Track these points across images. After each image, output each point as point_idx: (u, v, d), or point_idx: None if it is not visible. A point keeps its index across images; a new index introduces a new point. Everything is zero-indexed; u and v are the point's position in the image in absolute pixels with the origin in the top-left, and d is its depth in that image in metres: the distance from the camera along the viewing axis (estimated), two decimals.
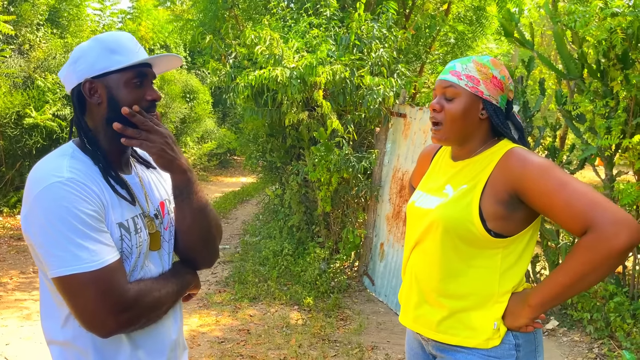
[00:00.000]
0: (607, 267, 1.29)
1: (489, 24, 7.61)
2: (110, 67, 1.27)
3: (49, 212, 1.15)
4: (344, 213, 5.65)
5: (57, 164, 1.22)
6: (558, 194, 1.33)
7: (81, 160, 1.27)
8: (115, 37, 1.31)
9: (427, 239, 1.53)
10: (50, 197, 1.16)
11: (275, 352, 3.83)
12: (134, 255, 1.28)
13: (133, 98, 1.29)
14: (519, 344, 1.47)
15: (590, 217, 1.28)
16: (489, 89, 1.50)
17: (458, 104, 1.49)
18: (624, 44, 3.91)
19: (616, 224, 1.26)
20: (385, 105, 5.10)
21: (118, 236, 1.25)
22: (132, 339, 1.29)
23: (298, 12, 5.86)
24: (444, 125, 1.52)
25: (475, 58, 1.54)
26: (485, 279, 1.47)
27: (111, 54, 1.28)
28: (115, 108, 1.28)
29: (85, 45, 1.30)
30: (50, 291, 1.27)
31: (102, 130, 1.31)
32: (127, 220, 1.28)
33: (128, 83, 1.29)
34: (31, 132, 8.02)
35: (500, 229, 1.43)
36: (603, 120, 4.06)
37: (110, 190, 1.27)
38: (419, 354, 1.71)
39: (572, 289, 1.35)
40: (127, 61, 1.28)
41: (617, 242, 1.25)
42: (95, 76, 1.28)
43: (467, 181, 1.50)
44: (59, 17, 9.56)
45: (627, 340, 3.82)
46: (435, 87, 1.55)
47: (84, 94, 1.29)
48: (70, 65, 1.31)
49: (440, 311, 1.52)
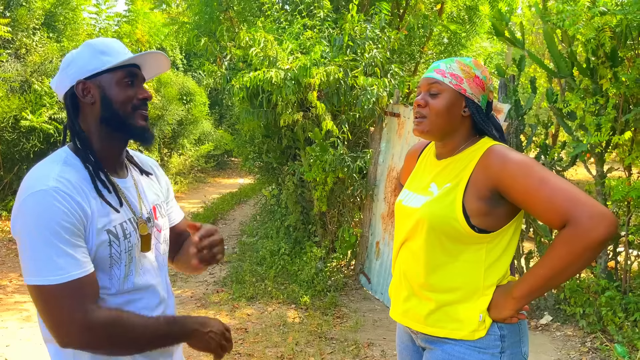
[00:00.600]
0: (585, 258, 1.34)
1: (482, 23, 7.67)
2: (101, 67, 1.33)
3: (28, 220, 1.19)
4: (340, 212, 5.70)
5: (46, 171, 1.25)
6: (538, 190, 1.38)
7: (73, 166, 1.29)
8: (104, 41, 1.37)
9: (414, 236, 1.59)
10: (32, 205, 1.19)
11: (273, 350, 3.88)
12: (124, 260, 1.32)
13: (125, 96, 1.34)
14: (504, 335, 1.53)
15: (569, 211, 1.34)
16: (472, 88, 1.56)
17: (442, 100, 1.55)
18: (612, 42, 3.97)
19: (594, 218, 1.31)
20: (379, 105, 5.16)
21: (107, 242, 1.28)
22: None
23: (292, 13, 5.91)
24: (428, 118, 1.57)
25: (458, 59, 1.60)
26: (470, 273, 1.52)
27: (101, 55, 1.34)
28: (109, 107, 1.33)
29: (75, 51, 1.36)
30: None
31: (96, 131, 1.34)
32: (115, 227, 1.30)
33: (119, 82, 1.34)
34: (29, 135, 8.06)
35: (483, 225, 1.48)
36: (593, 117, 4.12)
37: (98, 198, 1.29)
38: (409, 346, 1.76)
39: (553, 281, 1.40)
40: (117, 61, 1.33)
41: (595, 235, 1.30)
42: (88, 77, 1.33)
43: (450, 179, 1.55)
44: (55, 21, 9.59)
45: (619, 333, 3.88)
46: (420, 85, 1.61)
47: (77, 94, 1.33)
48: (61, 71, 1.36)
49: (428, 305, 1.57)
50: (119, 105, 1.34)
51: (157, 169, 1.62)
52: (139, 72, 1.40)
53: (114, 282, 1.31)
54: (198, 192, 11.80)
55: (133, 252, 1.35)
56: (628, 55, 4.12)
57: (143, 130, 1.38)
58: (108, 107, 1.33)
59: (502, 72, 4.81)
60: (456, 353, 1.53)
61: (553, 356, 3.86)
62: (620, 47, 4.02)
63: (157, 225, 1.47)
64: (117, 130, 1.36)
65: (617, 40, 4.02)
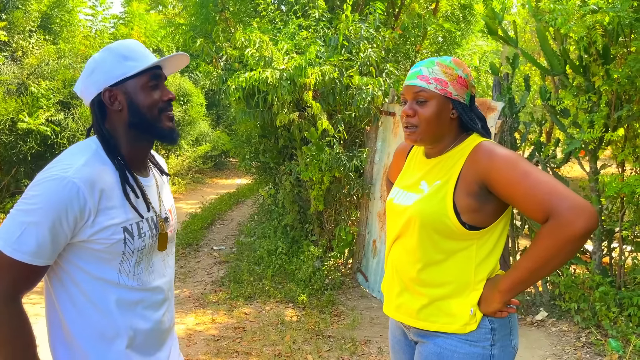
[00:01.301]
0: (567, 251, 1.37)
1: (477, 22, 7.71)
2: (127, 73, 1.35)
3: (32, 193, 1.26)
4: (337, 211, 5.74)
5: (72, 160, 1.30)
6: (521, 183, 1.41)
7: (100, 160, 1.34)
8: (125, 45, 1.38)
9: (406, 233, 1.62)
10: (43, 183, 1.26)
11: (270, 349, 3.91)
12: (135, 258, 1.37)
13: (152, 100, 1.37)
14: (495, 328, 1.56)
15: (550, 204, 1.37)
16: (457, 89, 1.58)
17: (431, 107, 1.56)
18: (604, 40, 4.01)
19: (574, 210, 1.34)
20: (375, 104, 5.19)
21: (122, 240, 1.33)
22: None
23: (287, 14, 5.94)
24: (419, 127, 1.58)
25: (438, 60, 1.61)
26: (461, 268, 1.56)
27: (125, 61, 1.35)
28: (136, 112, 1.37)
29: (98, 57, 1.38)
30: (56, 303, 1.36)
31: (124, 134, 1.39)
32: (131, 225, 1.35)
33: (144, 87, 1.37)
34: (26, 138, 8.06)
35: (473, 221, 1.52)
36: (586, 114, 4.16)
37: (121, 195, 1.34)
38: (401, 341, 1.80)
39: (538, 274, 1.44)
40: (141, 65, 1.35)
41: (576, 228, 1.34)
42: (113, 84, 1.35)
43: (440, 177, 1.58)
44: (51, 23, 9.60)
45: (613, 328, 3.91)
46: (404, 92, 1.61)
47: (105, 102, 1.36)
48: (86, 77, 1.38)
49: (420, 300, 1.60)
50: (146, 110, 1.37)
51: (167, 177, 1.67)
52: (162, 73, 1.42)
53: (122, 277, 1.36)
54: (196, 193, 11.82)
55: (145, 251, 1.39)
56: (620, 52, 4.16)
57: (171, 131, 1.42)
58: (136, 113, 1.37)
59: (496, 71, 4.85)
60: (448, 346, 1.57)
61: (548, 351, 3.89)
62: (612, 44, 4.06)
63: (171, 225, 1.52)
64: (145, 133, 1.40)
65: (609, 38, 4.06)
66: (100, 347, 1.37)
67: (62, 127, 8.40)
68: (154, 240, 1.43)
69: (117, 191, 1.34)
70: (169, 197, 1.58)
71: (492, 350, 1.56)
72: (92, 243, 1.31)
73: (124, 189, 1.35)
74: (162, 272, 1.48)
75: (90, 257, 1.33)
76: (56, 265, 1.34)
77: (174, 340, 1.58)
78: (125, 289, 1.37)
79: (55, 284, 1.36)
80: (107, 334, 1.36)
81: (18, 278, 1.25)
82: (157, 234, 1.43)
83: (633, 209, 4.26)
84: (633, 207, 4.24)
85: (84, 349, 1.36)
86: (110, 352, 1.37)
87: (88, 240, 1.30)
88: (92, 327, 1.35)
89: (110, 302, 1.35)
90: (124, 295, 1.37)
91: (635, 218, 4.24)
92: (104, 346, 1.37)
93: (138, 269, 1.38)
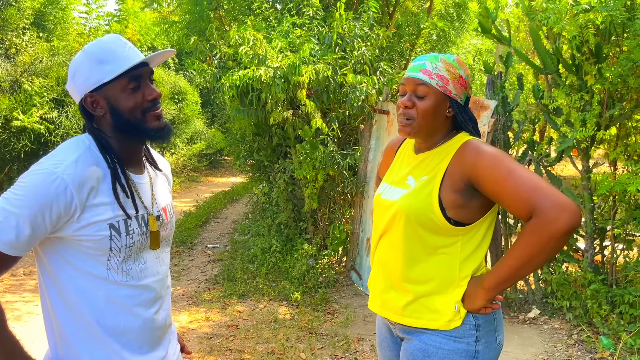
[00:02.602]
0: (550, 249, 1.38)
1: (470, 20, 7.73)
2: (103, 79, 1.33)
3: (21, 182, 1.27)
4: (331, 209, 5.74)
5: (64, 156, 1.31)
6: (505, 181, 1.42)
7: (92, 156, 1.35)
8: (101, 46, 1.35)
9: (392, 228, 1.62)
10: (33, 175, 1.27)
11: (264, 346, 3.92)
12: (123, 255, 1.36)
13: (134, 103, 1.35)
14: (479, 324, 1.57)
15: (533, 202, 1.38)
16: (456, 89, 1.59)
17: (429, 102, 1.57)
18: (597, 39, 4.03)
19: (557, 208, 1.35)
20: (369, 103, 5.20)
21: (108, 236, 1.32)
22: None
23: (281, 12, 5.94)
24: (415, 120, 1.58)
25: (442, 57, 1.61)
26: (446, 265, 1.57)
27: (101, 65, 1.33)
28: (119, 116, 1.35)
29: (77, 60, 1.36)
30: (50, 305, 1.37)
31: (112, 135, 1.38)
32: (118, 222, 1.35)
33: (124, 89, 1.34)
34: (19, 135, 8.04)
35: (459, 217, 1.52)
36: (579, 113, 4.18)
37: (110, 192, 1.34)
38: (387, 337, 1.81)
39: (521, 271, 1.44)
40: (118, 69, 1.32)
41: (558, 225, 1.35)
42: (93, 90, 1.34)
43: (427, 172, 1.59)
44: (44, 20, 9.56)
45: (604, 326, 3.94)
46: (405, 83, 1.61)
47: (87, 108, 1.36)
48: (70, 80, 1.38)
49: (405, 296, 1.61)
50: (128, 114, 1.35)
51: (168, 171, 1.66)
52: (144, 70, 1.37)
53: (111, 272, 1.36)
54: (191, 191, 11.81)
55: (134, 249, 1.39)
56: (612, 51, 4.18)
57: (157, 130, 1.40)
58: (118, 117, 1.36)
59: (489, 69, 4.86)
60: (433, 342, 1.57)
61: (540, 348, 3.92)
62: (604, 43, 4.08)
63: (165, 224, 1.51)
64: (131, 135, 1.40)
65: (601, 37, 4.08)
66: (90, 344, 1.37)
67: (56, 125, 8.39)
68: (144, 238, 1.42)
69: (107, 188, 1.34)
70: (165, 195, 1.56)
71: (477, 347, 1.57)
72: (79, 238, 1.31)
73: (114, 187, 1.35)
74: (155, 269, 1.47)
75: (78, 252, 1.33)
76: (46, 260, 1.34)
77: (173, 339, 1.58)
78: (115, 284, 1.37)
79: (47, 280, 1.36)
80: (96, 331, 1.36)
81: None
82: (148, 231, 1.43)
83: (625, 207, 4.28)
84: (625, 206, 4.27)
85: (75, 345, 1.37)
86: (101, 349, 1.37)
87: (74, 236, 1.31)
88: (82, 323, 1.35)
89: (99, 298, 1.36)
90: (113, 292, 1.37)
91: (627, 216, 4.26)
92: (94, 343, 1.37)
93: (126, 266, 1.38)
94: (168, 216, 1.53)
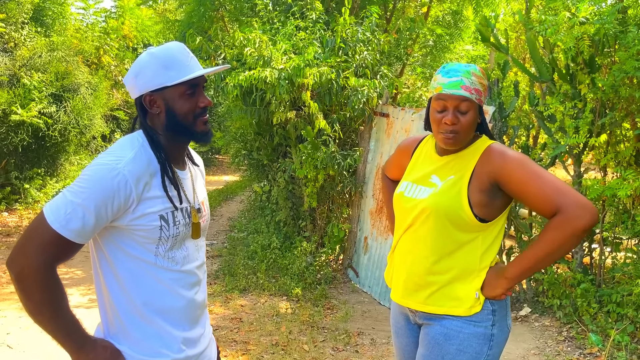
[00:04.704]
0: (570, 244, 1.56)
1: (466, 27, 7.92)
2: (166, 82, 1.47)
3: (86, 175, 1.39)
4: (329, 208, 5.89)
5: (123, 153, 1.45)
6: (532, 182, 1.60)
7: (146, 153, 1.49)
8: (168, 53, 1.49)
9: (419, 225, 1.76)
10: (97, 169, 1.40)
11: (267, 338, 4.05)
12: (169, 243, 1.51)
13: (188, 108, 1.50)
14: (495, 310, 1.74)
15: (558, 202, 1.56)
16: (484, 98, 1.76)
17: (471, 116, 1.71)
18: (591, 50, 4.23)
19: (580, 208, 1.53)
20: (369, 105, 5.35)
21: (158, 226, 1.47)
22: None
23: (285, 15, 6.07)
24: (461, 134, 1.71)
25: (472, 70, 1.73)
26: (469, 257, 1.72)
27: (166, 70, 1.47)
28: (173, 117, 1.50)
29: (143, 61, 1.50)
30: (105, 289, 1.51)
31: (162, 132, 1.53)
32: (167, 213, 1.49)
33: (182, 95, 1.50)
34: (17, 129, 8.08)
35: (483, 215, 1.69)
36: (572, 120, 4.37)
37: (161, 187, 1.48)
38: (404, 325, 1.95)
39: (541, 263, 1.62)
40: (181, 77, 1.48)
41: (581, 223, 1.53)
42: (154, 90, 1.49)
43: (454, 173, 1.74)
44: (43, 15, 9.60)
45: (593, 323, 4.14)
46: (445, 99, 1.69)
47: (145, 105, 1.51)
48: (132, 78, 1.51)
49: (430, 287, 1.75)
50: (181, 117, 1.51)
51: (202, 167, 1.81)
52: (200, 80, 1.54)
53: (158, 259, 1.50)
54: None
55: (179, 238, 1.53)
56: (605, 62, 4.39)
57: (203, 134, 1.56)
58: (172, 118, 1.50)
59: (487, 76, 5.05)
60: (454, 327, 1.73)
61: (532, 344, 4.10)
62: (597, 54, 4.28)
63: (203, 216, 1.66)
64: (180, 135, 1.54)
65: (595, 48, 4.28)
66: (140, 322, 1.51)
67: (54, 120, 8.43)
68: (187, 228, 1.57)
69: (158, 183, 1.49)
70: (203, 190, 1.72)
71: (493, 330, 1.73)
72: (133, 228, 1.46)
73: (163, 182, 1.49)
74: (195, 256, 1.62)
75: (131, 240, 1.47)
76: (104, 246, 1.48)
77: (207, 318, 1.72)
78: (162, 269, 1.51)
79: (103, 264, 1.50)
80: (145, 310, 1.50)
81: (60, 251, 1.38)
82: (190, 222, 1.58)
83: (613, 212, 4.49)
84: (613, 210, 4.48)
85: (125, 322, 1.50)
86: (149, 326, 1.51)
87: (129, 225, 1.45)
88: (132, 302, 1.49)
89: (148, 280, 1.50)
90: (160, 275, 1.51)
91: (616, 220, 4.47)
92: (142, 321, 1.51)
93: (172, 253, 1.53)
94: (205, 209, 1.69)
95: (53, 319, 1.40)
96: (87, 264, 5.82)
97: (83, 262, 5.82)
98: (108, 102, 10.01)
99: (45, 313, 1.39)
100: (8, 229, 7.28)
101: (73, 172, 9.63)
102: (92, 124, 9.16)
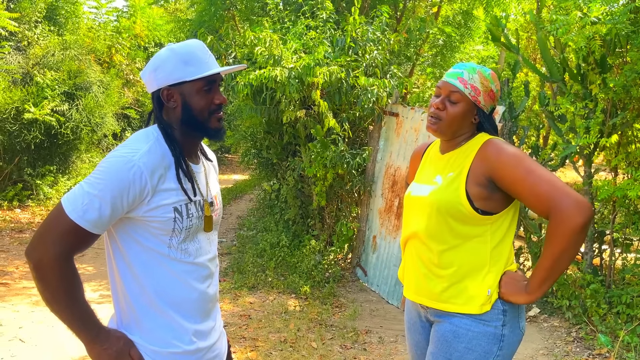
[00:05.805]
0: (574, 242, 1.54)
1: (476, 27, 7.90)
2: (184, 77, 1.51)
3: (103, 167, 1.43)
4: (338, 207, 5.91)
5: (138, 146, 1.48)
6: (526, 179, 1.59)
7: (161, 147, 1.52)
8: (188, 49, 1.53)
9: (424, 221, 1.78)
10: (114, 161, 1.43)
11: (276, 335, 4.08)
12: (183, 235, 1.54)
13: (204, 104, 1.54)
14: (506, 310, 1.73)
15: (552, 200, 1.55)
16: (485, 100, 1.76)
17: (459, 108, 1.74)
18: (602, 50, 4.21)
19: (573, 207, 1.52)
20: (379, 105, 5.37)
21: (172, 218, 1.49)
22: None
23: (295, 14, 6.10)
24: (443, 122, 1.75)
25: (480, 70, 1.77)
26: (478, 252, 1.73)
27: (185, 66, 1.51)
28: (189, 112, 1.53)
29: (163, 55, 1.53)
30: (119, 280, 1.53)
31: (177, 127, 1.56)
32: (180, 206, 1.52)
33: (199, 91, 1.53)
34: (30, 127, 8.17)
35: (485, 207, 1.69)
36: (582, 120, 4.36)
37: (175, 179, 1.51)
38: (417, 322, 1.96)
39: (556, 269, 1.59)
40: (199, 72, 1.51)
41: (577, 220, 1.51)
42: (172, 84, 1.52)
43: (453, 169, 1.76)
44: (56, 14, 9.70)
45: (603, 324, 4.12)
46: (441, 87, 1.78)
47: (162, 99, 1.54)
48: (151, 72, 1.54)
49: (440, 283, 1.76)
50: (197, 112, 1.54)
51: (216, 162, 1.84)
52: (217, 77, 1.57)
53: (172, 250, 1.53)
54: None
55: (192, 230, 1.56)
56: (616, 62, 4.37)
57: (217, 131, 1.59)
58: (188, 113, 1.54)
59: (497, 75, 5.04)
60: (463, 325, 1.73)
61: (540, 345, 4.09)
62: (609, 54, 4.27)
63: (216, 209, 1.69)
64: (194, 130, 1.57)
65: (607, 48, 4.26)
66: (152, 312, 1.53)
67: (67, 118, 8.51)
68: (200, 221, 1.60)
69: (172, 175, 1.52)
70: (216, 184, 1.75)
71: (503, 330, 1.72)
72: (147, 219, 1.49)
73: (178, 174, 1.52)
74: (207, 249, 1.65)
75: (145, 231, 1.50)
76: (118, 237, 1.51)
77: (218, 312, 1.75)
78: (175, 261, 1.54)
79: (117, 254, 1.53)
80: (157, 301, 1.53)
81: (77, 242, 1.42)
82: (203, 215, 1.60)
83: (624, 212, 4.47)
84: (624, 211, 4.46)
85: (138, 313, 1.53)
86: (161, 317, 1.54)
87: (143, 217, 1.48)
88: (145, 293, 1.52)
89: (161, 272, 1.53)
90: (173, 267, 1.54)
91: (626, 221, 4.45)
92: (155, 311, 1.53)
93: (185, 245, 1.56)
94: (218, 203, 1.71)
95: (69, 308, 1.44)
96: (99, 260, 5.88)
97: (94, 259, 5.88)
98: (119, 101, 10.09)
99: (62, 302, 1.43)
100: (20, 225, 7.36)
101: (84, 169, 9.72)
102: (104, 122, 9.25)
